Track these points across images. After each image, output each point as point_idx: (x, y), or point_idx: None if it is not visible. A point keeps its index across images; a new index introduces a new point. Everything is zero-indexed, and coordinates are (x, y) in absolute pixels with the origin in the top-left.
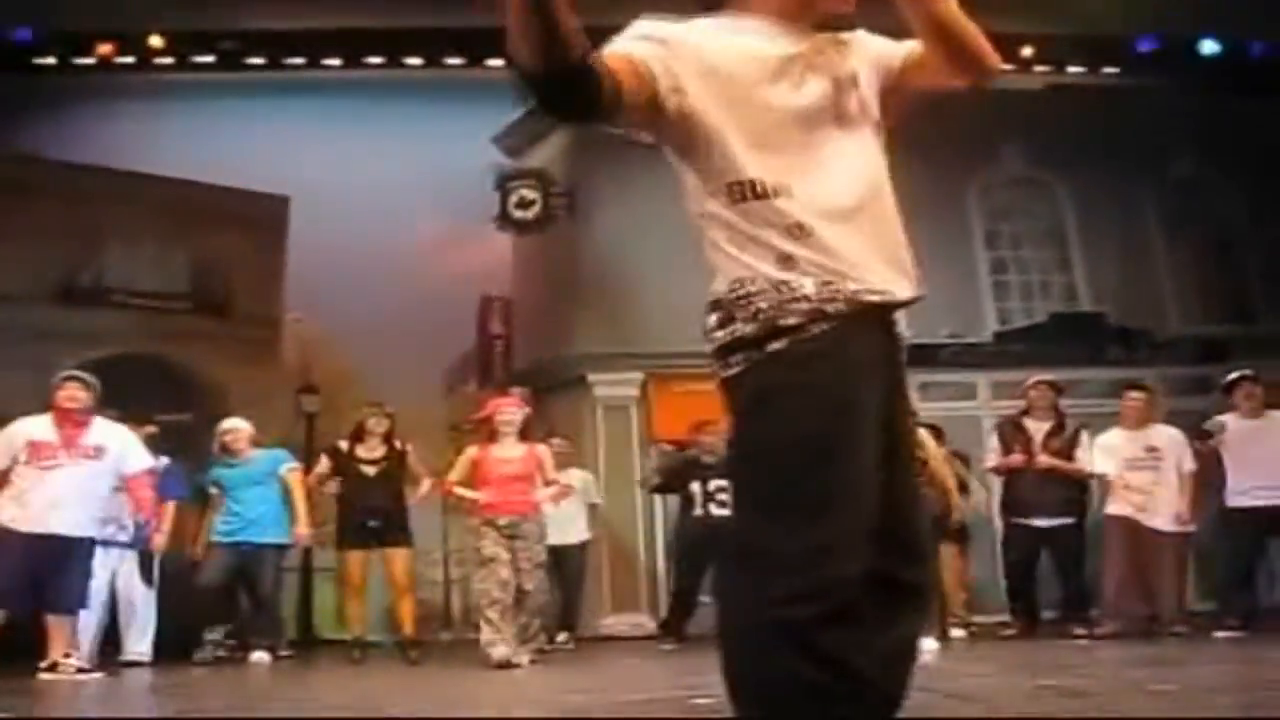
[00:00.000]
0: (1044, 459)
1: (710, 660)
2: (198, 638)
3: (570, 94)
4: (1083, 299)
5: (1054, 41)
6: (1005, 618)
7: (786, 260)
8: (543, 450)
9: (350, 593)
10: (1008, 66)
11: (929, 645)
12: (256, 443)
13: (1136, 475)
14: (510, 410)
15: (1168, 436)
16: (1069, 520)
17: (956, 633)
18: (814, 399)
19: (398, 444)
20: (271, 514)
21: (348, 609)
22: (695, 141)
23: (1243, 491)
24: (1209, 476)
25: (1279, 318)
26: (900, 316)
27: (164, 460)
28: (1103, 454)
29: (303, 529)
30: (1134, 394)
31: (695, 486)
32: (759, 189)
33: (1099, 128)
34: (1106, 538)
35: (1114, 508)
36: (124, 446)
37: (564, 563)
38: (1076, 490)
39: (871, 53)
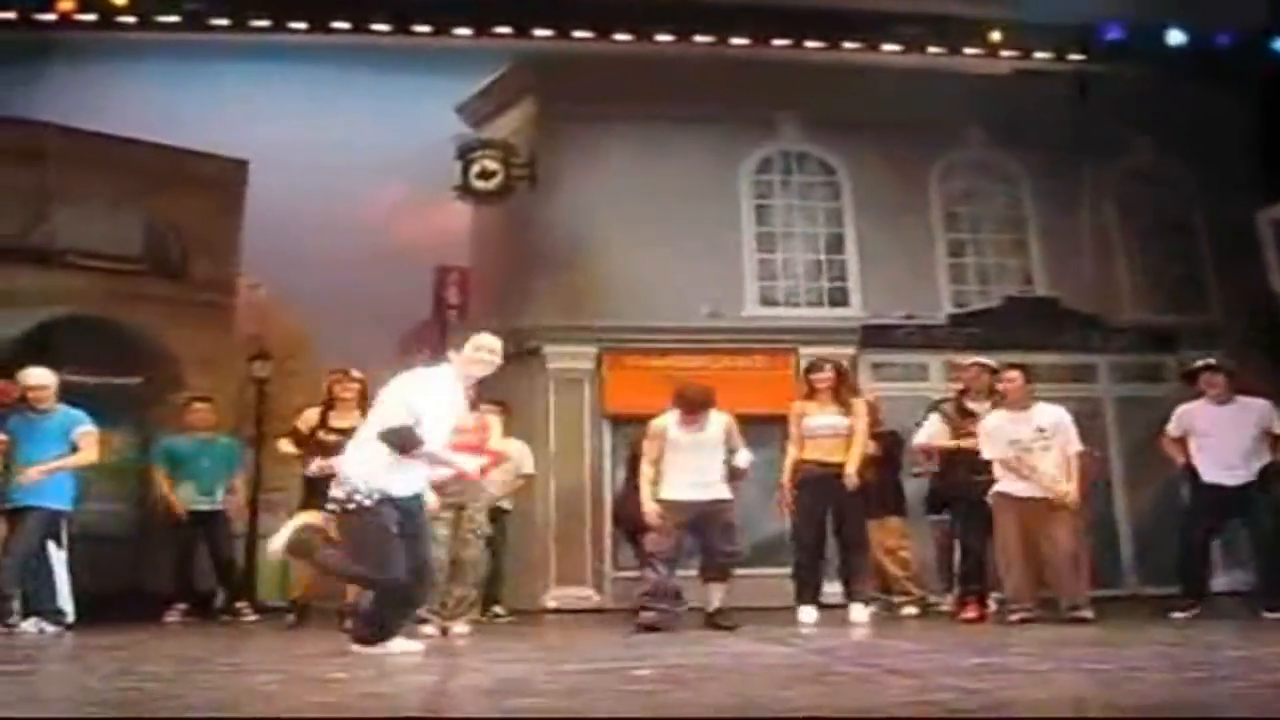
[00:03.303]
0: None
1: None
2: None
3: None
4: (1038, 283)
5: (1022, 27)
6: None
7: None
8: (492, 418)
9: None
10: (975, 50)
11: (861, 614)
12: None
13: (1026, 457)
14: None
15: (1054, 417)
16: None
17: (908, 610)
18: None
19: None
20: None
21: (296, 572)
22: None
23: (1210, 473)
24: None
25: (1230, 307)
26: None
27: None
28: (988, 438)
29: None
30: (1012, 374)
31: None
32: None
33: (1062, 114)
34: (997, 518)
35: (1003, 486)
36: None
37: (497, 533)
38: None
39: None
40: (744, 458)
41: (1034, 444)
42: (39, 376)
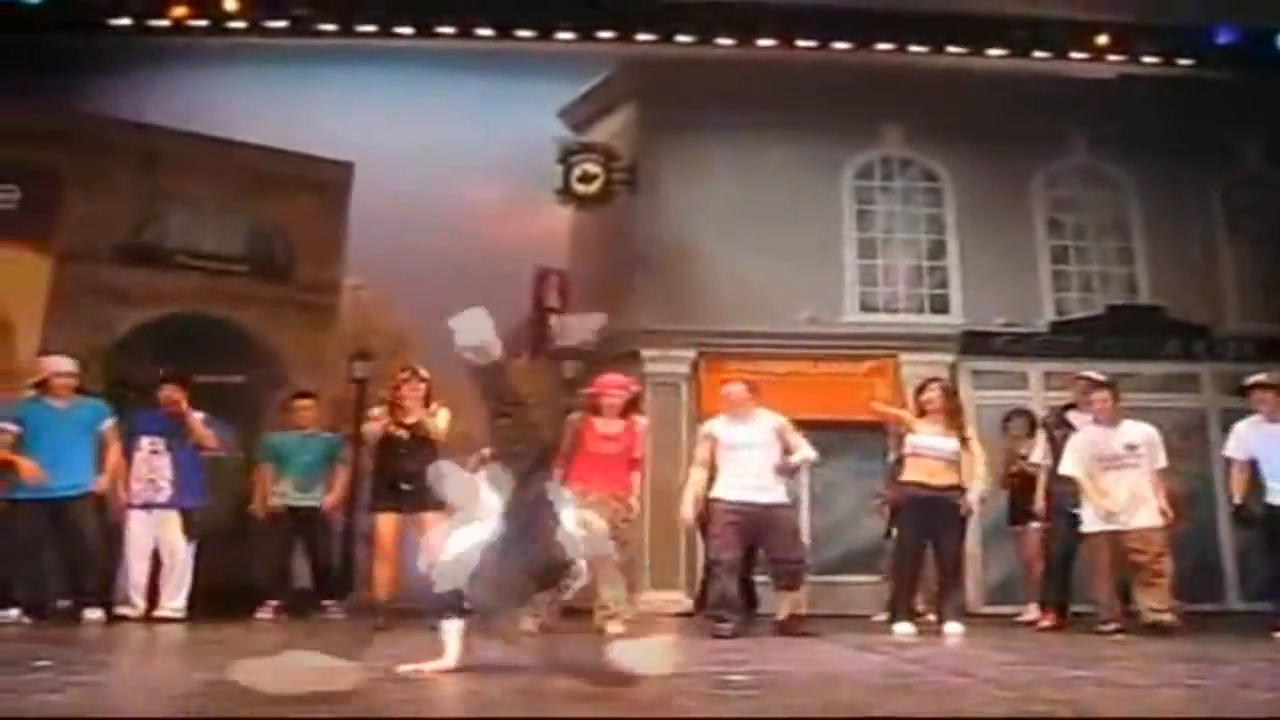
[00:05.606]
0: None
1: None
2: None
3: None
4: (1142, 292)
5: (1129, 30)
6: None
7: None
8: (641, 425)
9: (380, 556)
10: (1081, 55)
11: (955, 629)
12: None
13: (1115, 474)
14: (617, 393)
15: (1144, 434)
16: None
17: None
18: None
19: (433, 407)
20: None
21: (377, 572)
22: None
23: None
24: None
25: None
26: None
27: (199, 416)
28: (1073, 453)
29: (103, 482)
30: (1102, 394)
31: None
32: None
33: (1170, 120)
34: (1088, 537)
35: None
36: None
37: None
38: None
39: None
40: (802, 455)
41: (1122, 460)
42: (67, 364)
